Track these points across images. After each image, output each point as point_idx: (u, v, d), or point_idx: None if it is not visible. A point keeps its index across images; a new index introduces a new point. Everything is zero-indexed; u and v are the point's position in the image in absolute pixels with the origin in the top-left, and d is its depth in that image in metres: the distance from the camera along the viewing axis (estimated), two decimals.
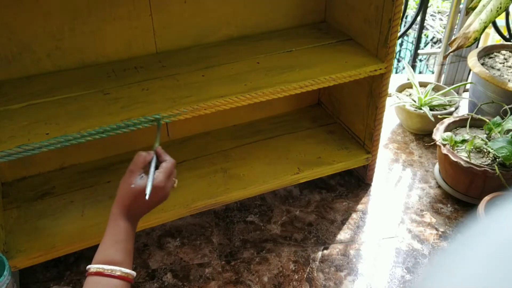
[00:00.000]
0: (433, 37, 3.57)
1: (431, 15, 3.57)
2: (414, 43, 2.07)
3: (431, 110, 1.54)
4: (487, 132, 1.34)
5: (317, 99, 1.58)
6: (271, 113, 1.51)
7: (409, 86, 1.69)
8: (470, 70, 1.61)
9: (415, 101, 1.59)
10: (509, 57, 1.60)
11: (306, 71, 1.12)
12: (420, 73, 3.30)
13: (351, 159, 1.33)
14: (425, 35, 3.55)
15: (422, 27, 1.88)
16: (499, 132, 1.30)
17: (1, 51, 1.06)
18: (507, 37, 1.82)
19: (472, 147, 1.29)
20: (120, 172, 0.99)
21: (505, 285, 0.23)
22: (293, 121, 1.49)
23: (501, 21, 1.83)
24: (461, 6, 1.65)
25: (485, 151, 1.30)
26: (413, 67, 1.92)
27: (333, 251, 1.21)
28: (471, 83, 1.59)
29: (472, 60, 1.54)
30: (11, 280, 0.94)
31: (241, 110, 1.24)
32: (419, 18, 1.79)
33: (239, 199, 1.27)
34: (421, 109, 1.54)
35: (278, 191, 1.38)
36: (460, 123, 1.43)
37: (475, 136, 1.32)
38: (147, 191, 0.75)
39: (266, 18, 1.31)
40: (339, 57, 1.19)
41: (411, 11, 3.14)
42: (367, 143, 1.34)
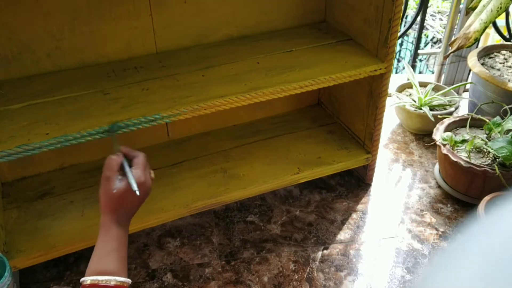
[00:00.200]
0: (433, 37, 3.57)
1: (431, 15, 3.57)
2: (414, 43, 2.07)
3: (431, 110, 1.54)
4: (487, 132, 1.34)
5: (317, 99, 1.58)
6: (271, 113, 1.51)
7: (409, 86, 1.69)
8: (470, 70, 1.61)
9: (415, 101, 1.59)
10: (509, 57, 1.60)
11: (306, 71, 1.12)
12: (420, 73, 3.30)
13: (351, 159, 1.33)
14: (425, 35, 3.55)
15: (422, 27, 1.88)
16: (499, 132, 1.30)
17: (1, 51, 1.06)
18: (507, 37, 1.82)
19: (472, 147, 1.29)
20: None
21: (505, 285, 0.23)
22: (293, 121, 1.49)
23: (501, 21, 1.83)
24: (461, 6, 1.65)
25: (485, 151, 1.30)
26: (413, 67, 1.92)
27: (333, 251, 1.21)
28: (471, 83, 1.59)
29: (472, 60, 1.54)
30: (11, 280, 0.94)
31: (241, 110, 1.24)
32: (419, 18, 1.79)
33: (239, 199, 1.27)
34: (421, 109, 1.54)
35: (278, 191, 1.38)
36: (460, 123, 1.43)
37: (475, 136, 1.32)
38: (135, 188, 0.75)
39: (266, 18, 1.31)
40: (339, 57, 1.19)
41: (411, 11, 3.14)
42: (367, 143, 1.34)
